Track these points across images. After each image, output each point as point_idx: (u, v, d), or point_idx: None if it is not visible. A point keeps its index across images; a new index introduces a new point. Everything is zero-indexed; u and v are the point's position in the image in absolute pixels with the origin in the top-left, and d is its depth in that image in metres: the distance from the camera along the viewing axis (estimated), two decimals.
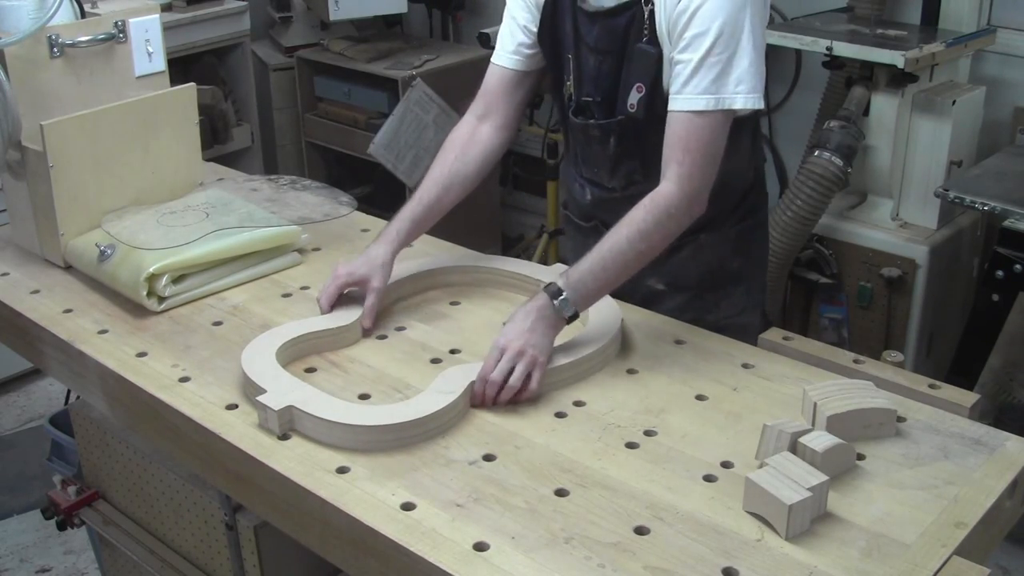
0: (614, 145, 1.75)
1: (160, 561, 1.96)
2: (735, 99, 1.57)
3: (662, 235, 1.59)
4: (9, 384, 3.70)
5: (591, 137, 1.78)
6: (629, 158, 1.76)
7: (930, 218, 2.93)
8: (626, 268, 1.59)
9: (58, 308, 1.78)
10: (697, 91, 1.56)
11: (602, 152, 1.78)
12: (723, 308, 1.86)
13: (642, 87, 1.66)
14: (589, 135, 1.78)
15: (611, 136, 1.75)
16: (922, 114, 2.86)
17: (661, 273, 1.85)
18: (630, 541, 1.21)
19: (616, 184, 1.80)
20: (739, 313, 1.89)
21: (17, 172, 1.92)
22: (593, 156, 1.81)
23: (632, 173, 1.77)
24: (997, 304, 2.62)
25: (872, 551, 1.18)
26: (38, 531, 2.99)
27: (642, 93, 1.66)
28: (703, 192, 1.60)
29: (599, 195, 1.84)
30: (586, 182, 1.86)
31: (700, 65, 1.56)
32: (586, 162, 1.84)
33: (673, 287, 1.86)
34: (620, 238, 1.57)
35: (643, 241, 1.57)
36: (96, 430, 2.04)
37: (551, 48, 1.79)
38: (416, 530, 1.23)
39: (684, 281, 1.85)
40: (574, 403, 1.49)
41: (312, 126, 4.30)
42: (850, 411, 1.35)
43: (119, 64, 1.97)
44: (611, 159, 1.78)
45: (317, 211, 1.99)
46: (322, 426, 1.40)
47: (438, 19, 4.49)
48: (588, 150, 1.81)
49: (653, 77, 1.65)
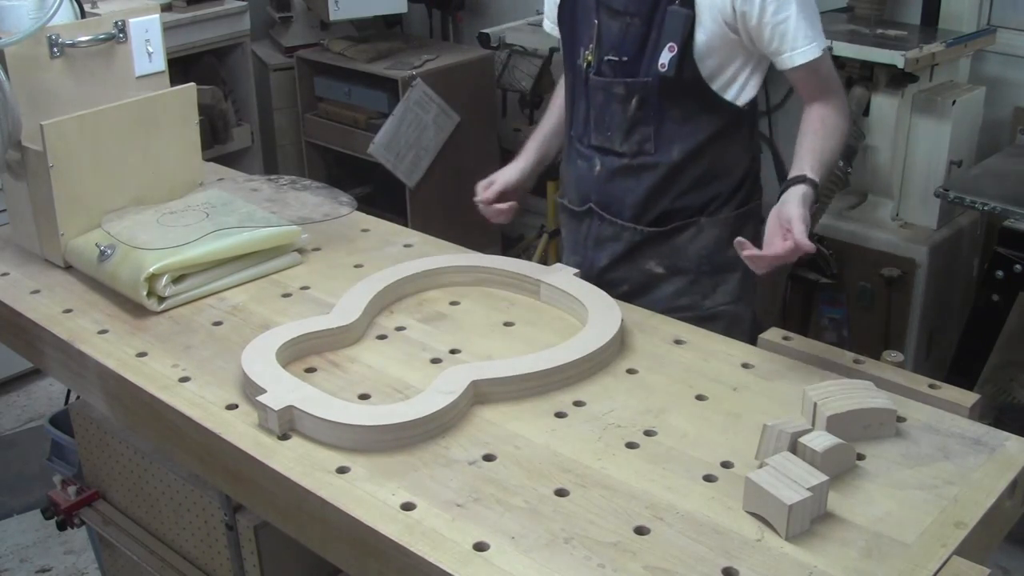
0: (635, 107, 1.84)
1: (160, 561, 1.96)
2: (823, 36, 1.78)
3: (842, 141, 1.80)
4: (9, 384, 3.70)
5: (613, 96, 1.86)
6: (645, 124, 1.85)
7: (930, 218, 2.93)
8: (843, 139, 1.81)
9: (58, 308, 1.78)
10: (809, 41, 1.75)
11: (621, 113, 1.86)
12: (719, 294, 1.93)
13: (674, 47, 1.77)
14: (611, 94, 1.86)
15: (634, 96, 1.83)
16: (922, 114, 2.86)
17: (661, 256, 1.92)
18: (630, 541, 1.21)
19: (627, 150, 1.88)
20: (734, 301, 1.95)
21: (17, 172, 1.92)
22: (610, 118, 1.88)
23: (644, 141, 1.86)
24: (997, 304, 2.62)
25: (872, 551, 1.18)
26: (38, 531, 3.00)
27: (674, 53, 1.77)
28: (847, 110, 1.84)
29: (608, 165, 1.91)
30: (595, 152, 1.93)
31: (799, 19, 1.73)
32: (600, 127, 1.91)
33: (672, 270, 1.93)
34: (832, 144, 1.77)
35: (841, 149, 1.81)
36: (96, 430, 2.04)
37: (570, 18, 1.91)
38: (416, 530, 1.23)
39: (683, 264, 1.92)
40: (574, 403, 1.49)
41: (312, 126, 4.30)
42: (850, 411, 1.35)
43: (119, 64, 1.97)
44: (628, 121, 1.86)
45: (317, 211, 1.99)
46: (322, 426, 1.40)
47: (438, 19, 4.49)
48: (606, 111, 1.88)
49: (685, 38, 1.76)
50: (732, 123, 1.87)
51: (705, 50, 1.77)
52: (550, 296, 1.77)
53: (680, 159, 1.86)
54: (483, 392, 1.49)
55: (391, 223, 2.11)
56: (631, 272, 1.91)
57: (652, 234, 1.91)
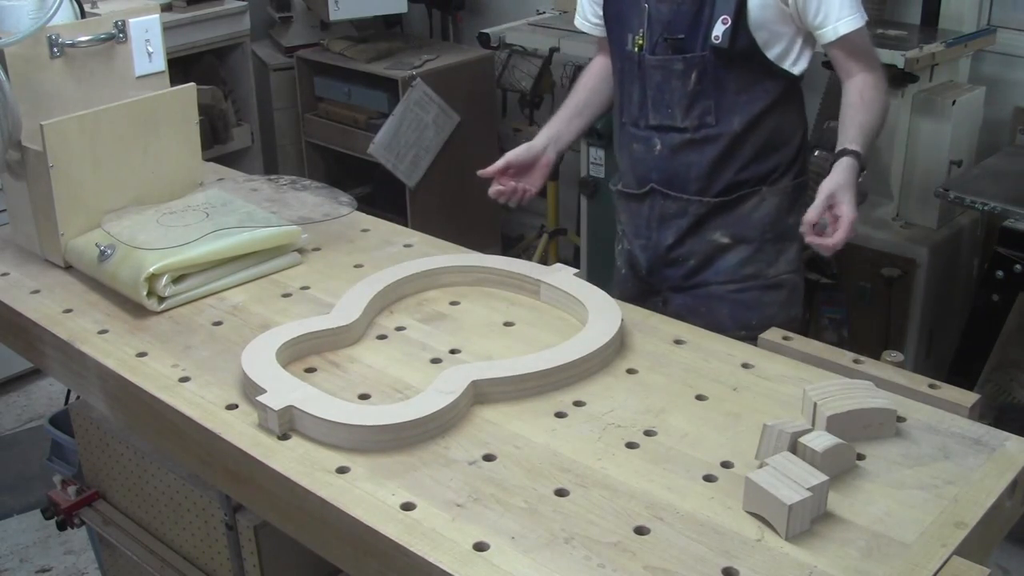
0: (694, 81, 1.91)
1: (160, 561, 1.96)
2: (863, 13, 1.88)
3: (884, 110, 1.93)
4: (9, 384, 3.70)
5: (672, 73, 1.92)
6: (705, 97, 1.92)
7: (930, 218, 2.93)
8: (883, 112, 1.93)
9: (58, 308, 1.78)
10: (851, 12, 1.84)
11: (681, 88, 1.92)
12: (781, 263, 2.03)
13: (727, 19, 1.84)
14: (670, 71, 1.92)
15: (693, 71, 1.90)
16: (922, 114, 2.86)
17: (726, 226, 2.00)
18: (630, 541, 1.21)
19: (689, 124, 1.94)
20: (795, 271, 2.07)
21: (17, 172, 1.92)
22: (669, 95, 1.94)
23: (705, 114, 1.93)
24: (997, 304, 2.62)
25: (872, 551, 1.18)
26: (38, 531, 3.00)
27: (727, 25, 1.85)
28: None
29: (669, 142, 1.97)
30: (653, 131, 1.99)
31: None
32: (658, 106, 1.97)
33: (737, 239, 2.01)
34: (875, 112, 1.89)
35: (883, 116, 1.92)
36: (96, 430, 2.04)
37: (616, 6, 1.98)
38: (416, 530, 1.23)
39: (748, 233, 2.00)
40: (574, 403, 1.49)
41: (312, 126, 4.30)
42: (850, 411, 1.35)
43: (119, 64, 1.97)
44: (689, 96, 1.93)
45: (317, 211, 1.99)
46: (322, 426, 1.40)
47: (438, 19, 4.49)
48: (665, 89, 1.94)
49: (737, 10, 1.83)
50: (788, 92, 1.97)
51: (759, 21, 1.84)
52: (550, 296, 1.76)
53: (741, 129, 1.94)
54: (483, 392, 1.49)
55: (391, 223, 2.11)
56: (697, 244, 1.99)
57: (718, 204, 1.98)
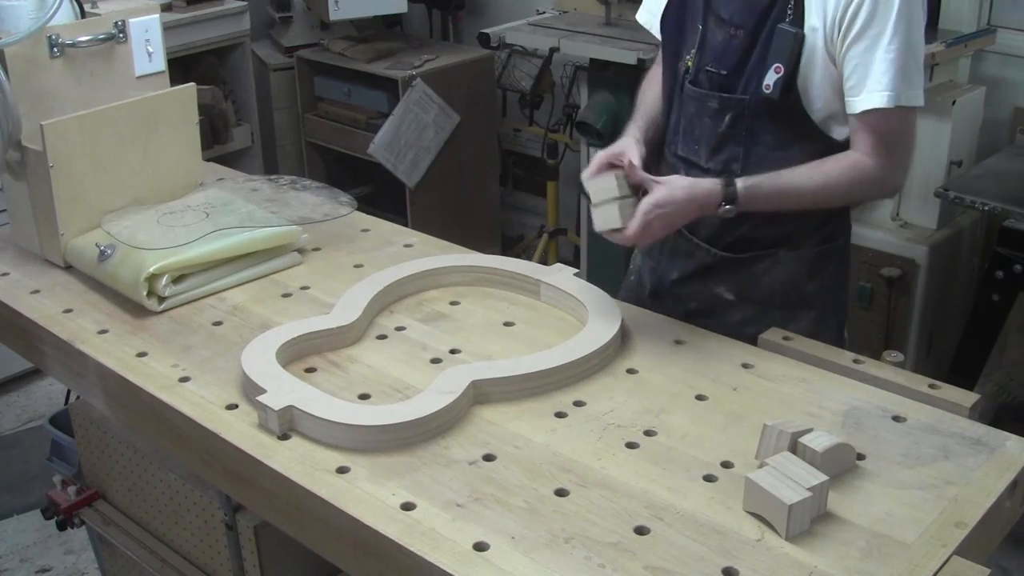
0: (727, 124, 1.74)
1: (160, 561, 1.96)
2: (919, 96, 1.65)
3: (844, 199, 1.71)
4: (9, 384, 3.70)
5: (706, 109, 1.76)
6: (735, 143, 1.75)
7: (930, 218, 2.93)
8: (799, 206, 1.69)
9: (58, 308, 1.78)
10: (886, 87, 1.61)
11: (712, 127, 1.76)
12: (790, 330, 1.75)
13: (781, 68, 1.66)
14: (704, 106, 1.76)
15: (728, 113, 1.73)
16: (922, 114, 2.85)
17: (733, 283, 1.83)
18: (630, 541, 1.21)
19: (713, 167, 1.77)
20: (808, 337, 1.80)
21: (17, 172, 1.92)
22: (700, 131, 1.78)
23: (732, 161, 1.75)
24: (997, 304, 2.62)
25: (872, 551, 1.18)
26: (38, 531, 3.00)
27: (780, 74, 1.66)
28: (901, 178, 1.72)
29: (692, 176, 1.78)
30: (680, 161, 1.83)
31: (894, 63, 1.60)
32: (688, 139, 1.81)
33: (742, 298, 1.83)
34: (809, 180, 1.65)
35: (825, 194, 1.67)
36: (96, 430, 2.04)
37: (676, 19, 1.81)
38: (416, 530, 1.23)
39: (754, 294, 1.82)
40: (574, 403, 1.49)
41: (312, 126, 4.30)
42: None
43: (119, 64, 1.97)
44: (718, 138, 1.76)
45: (317, 211, 1.99)
46: (322, 426, 1.40)
47: (438, 19, 4.49)
48: (697, 123, 1.79)
49: (793, 60, 1.65)
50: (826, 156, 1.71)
51: (809, 77, 1.67)
52: (550, 296, 1.76)
53: None
54: (483, 392, 1.49)
55: (391, 223, 2.11)
56: (700, 292, 1.82)
57: (726, 259, 1.81)
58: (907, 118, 1.66)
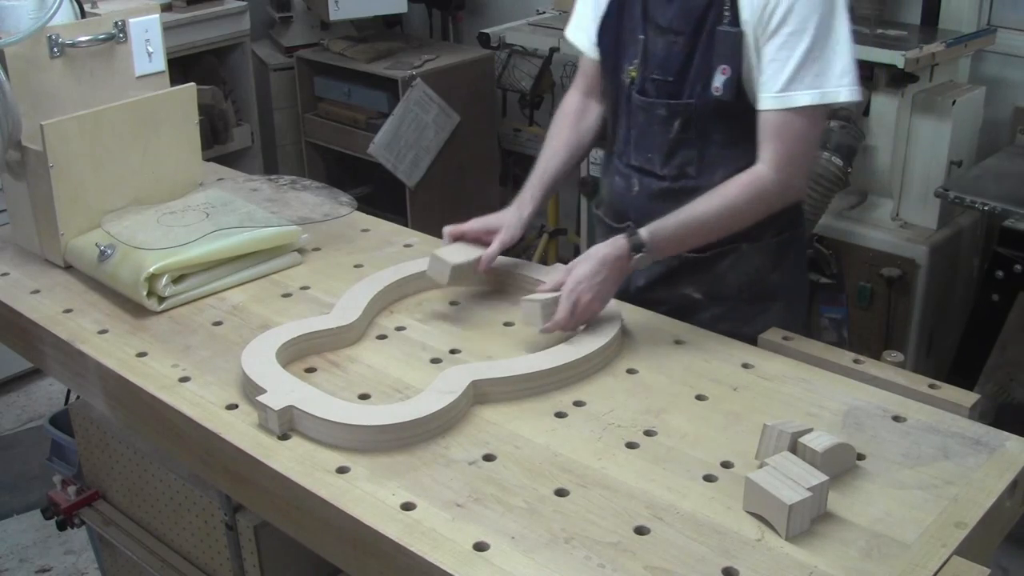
0: (677, 129, 1.75)
1: (160, 561, 1.96)
2: (840, 92, 1.62)
3: (751, 214, 1.67)
4: (9, 384, 3.70)
5: (655, 118, 1.77)
6: (688, 147, 1.76)
7: (930, 218, 2.93)
8: (708, 236, 1.69)
9: (58, 308, 1.78)
10: (800, 88, 1.61)
11: (662, 135, 1.77)
12: (759, 322, 1.79)
13: (728, 69, 1.67)
14: (653, 115, 1.77)
15: (676, 119, 1.74)
16: (922, 114, 2.86)
17: (699, 283, 1.84)
18: (630, 541, 1.21)
19: (668, 173, 1.78)
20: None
21: (17, 172, 1.92)
22: (651, 140, 1.79)
23: (686, 165, 1.76)
24: (997, 304, 2.62)
25: (872, 551, 1.18)
26: (38, 531, 3.00)
27: (728, 75, 1.67)
28: (800, 179, 1.69)
29: (648, 186, 1.81)
30: (634, 171, 1.83)
31: (802, 63, 1.60)
32: (640, 148, 1.82)
33: (710, 297, 1.84)
34: (710, 208, 1.64)
35: (730, 215, 1.66)
36: (96, 430, 2.04)
37: (616, 31, 1.81)
38: (416, 530, 1.23)
39: (722, 291, 1.84)
40: (574, 403, 1.49)
41: (312, 126, 4.30)
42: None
43: (119, 64, 1.97)
44: (670, 144, 1.77)
45: (317, 211, 1.99)
46: (322, 426, 1.40)
47: (438, 19, 4.49)
48: (648, 132, 1.79)
49: (739, 60, 1.66)
50: None
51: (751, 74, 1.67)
52: None
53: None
54: (483, 392, 1.49)
55: (391, 223, 2.11)
56: (669, 296, 1.82)
57: (690, 260, 1.82)
58: (807, 118, 1.63)
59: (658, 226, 1.63)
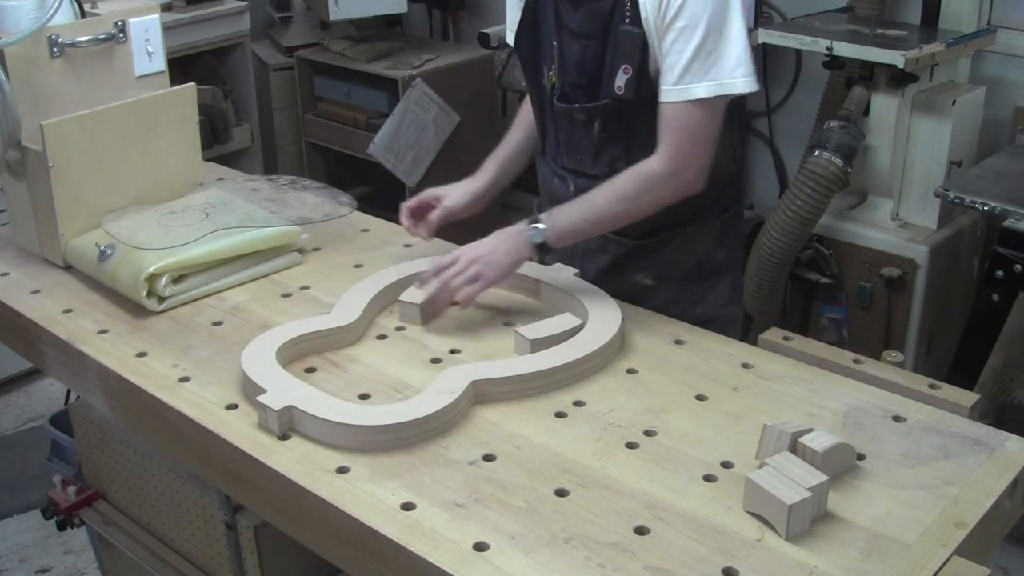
0: (598, 130, 1.78)
1: (160, 561, 1.96)
2: (735, 83, 1.62)
3: (641, 203, 1.68)
4: (9, 384, 3.70)
5: (575, 122, 1.80)
6: (613, 143, 1.78)
7: (930, 218, 2.93)
8: (601, 225, 1.72)
9: (58, 308, 1.78)
10: (695, 80, 1.61)
11: (586, 137, 1.80)
12: (710, 300, 1.88)
13: (629, 69, 1.69)
14: (574, 119, 1.80)
15: (596, 120, 1.77)
16: (922, 114, 2.86)
17: (649, 268, 1.87)
18: (630, 541, 1.21)
19: (599, 171, 1.80)
20: (725, 305, 1.91)
21: (17, 172, 1.92)
22: (577, 143, 1.83)
23: (616, 160, 1.78)
24: (997, 304, 2.62)
25: (872, 551, 1.18)
26: (38, 531, 2.99)
27: (629, 75, 1.69)
28: (693, 172, 1.66)
29: (583, 186, 1.82)
30: (568, 173, 1.87)
31: (695, 56, 1.61)
32: (569, 151, 1.85)
33: (661, 281, 1.88)
34: (602, 197, 1.68)
35: (621, 205, 1.68)
36: (96, 430, 2.04)
37: (532, 38, 1.83)
38: (416, 530, 1.23)
39: (672, 274, 1.88)
40: (574, 403, 1.49)
41: (312, 126, 4.30)
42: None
43: (119, 64, 1.97)
44: (595, 144, 1.80)
45: (317, 211, 1.99)
46: (322, 426, 1.40)
47: (438, 19, 4.49)
48: (572, 136, 1.83)
49: (640, 59, 1.68)
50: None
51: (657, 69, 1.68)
52: (550, 296, 1.76)
53: None
54: (483, 392, 1.49)
55: (391, 223, 2.11)
56: (620, 285, 1.83)
57: (638, 246, 1.86)
58: (703, 110, 1.63)
59: (558, 210, 1.70)
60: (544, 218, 1.69)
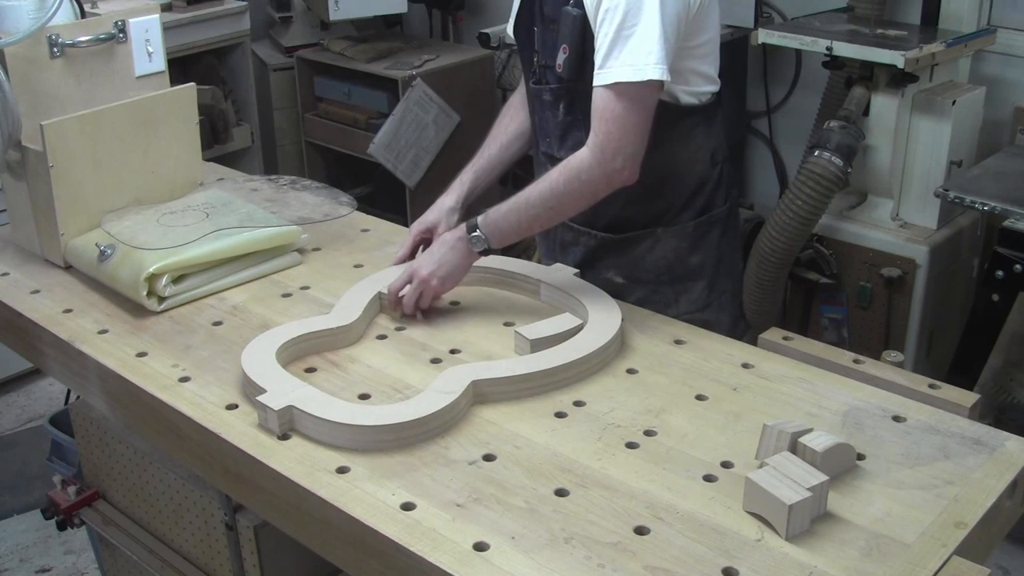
0: (563, 112, 1.80)
1: (160, 561, 1.96)
2: (647, 70, 1.60)
3: (573, 197, 1.67)
4: (9, 384, 3.70)
5: (544, 103, 1.84)
6: (576, 128, 1.79)
7: (930, 218, 2.93)
8: (538, 220, 1.72)
9: (58, 308, 1.78)
10: (616, 64, 1.61)
11: (553, 119, 1.83)
12: (682, 303, 1.88)
13: (567, 48, 1.71)
14: (543, 101, 1.84)
15: (560, 101, 1.79)
16: (922, 114, 2.86)
17: (619, 267, 1.89)
18: (630, 541, 1.21)
19: (564, 155, 1.76)
20: (701, 309, 1.90)
21: (17, 172, 1.92)
22: (546, 125, 1.86)
23: (577, 146, 1.74)
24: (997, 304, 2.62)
25: (872, 551, 1.18)
26: (38, 531, 2.99)
27: (567, 54, 1.72)
28: (620, 161, 1.64)
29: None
30: (546, 159, 1.89)
31: (615, 40, 1.61)
32: (542, 135, 1.88)
33: (632, 280, 1.89)
34: (535, 192, 1.69)
35: (554, 199, 1.67)
36: (96, 430, 2.04)
37: (525, 27, 1.86)
38: (416, 530, 1.23)
39: (641, 275, 1.88)
40: (574, 403, 1.49)
41: (312, 126, 4.30)
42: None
43: (119, 64, 1.97)
44: (560, 127, 1.82)
45: (317, 211, 1.99)
46: (322, 426, 1.40)
47: (438, 19, 4.49)
48: (544, 118, 1.86)
49: (579, 39, 1.69)
50: (679, 126, 1.76)
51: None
52: (550, 296, 1.77)
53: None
54: (483, 392, 1.49)
55: (391, 223, 2.11)
56: (593, 281, 1.82)
57: (608, 241, 1.87)
58: (625, 98, 1.61)
59: (493, 209, 1.71)
60: (481, 223, 1.70)
